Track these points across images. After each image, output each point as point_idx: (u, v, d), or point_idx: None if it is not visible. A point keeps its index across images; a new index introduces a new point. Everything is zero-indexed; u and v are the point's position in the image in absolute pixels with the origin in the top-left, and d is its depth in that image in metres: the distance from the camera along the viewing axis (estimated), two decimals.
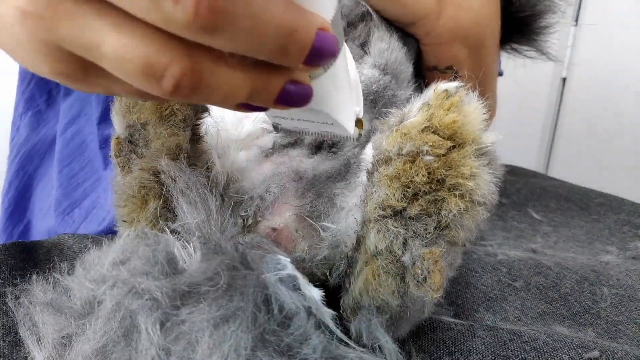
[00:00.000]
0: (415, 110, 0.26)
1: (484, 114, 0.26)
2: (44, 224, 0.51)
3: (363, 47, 0.37)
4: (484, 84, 0.48)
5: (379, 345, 0.26)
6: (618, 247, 0.47)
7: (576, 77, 1.07)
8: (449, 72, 0.42)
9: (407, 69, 0.37)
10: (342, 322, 0.27)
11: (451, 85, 0.26)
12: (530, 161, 1.15)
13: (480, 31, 0.41)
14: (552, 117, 1.12)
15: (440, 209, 0.25)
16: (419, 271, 0.25)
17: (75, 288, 0.27)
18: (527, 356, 0.29)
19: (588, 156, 1.10)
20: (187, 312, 0.24)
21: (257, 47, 0.18)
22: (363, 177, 0.29)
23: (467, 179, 0.25)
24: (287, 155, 0.35)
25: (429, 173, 0.25)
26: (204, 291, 0.25)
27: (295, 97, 0.21)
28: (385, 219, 0.26)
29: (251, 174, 0.34)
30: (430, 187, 0.25)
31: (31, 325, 0.27)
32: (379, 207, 0.26)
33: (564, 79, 1.09)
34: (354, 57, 0.36)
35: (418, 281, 0.25)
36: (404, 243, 0.25)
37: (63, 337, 0.26)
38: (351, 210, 0.30)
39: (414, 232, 0.25)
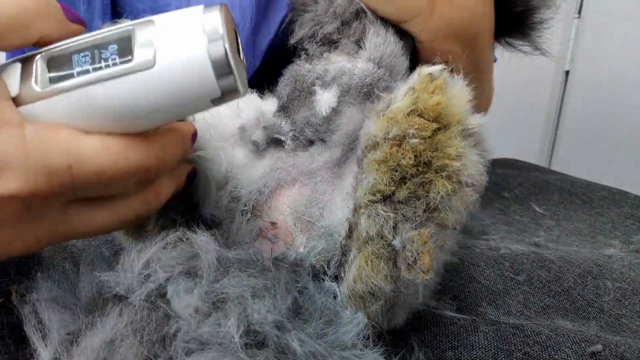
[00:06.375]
0: (401, 95, 0.27)
1: (469, 95, 0.27)
2: None
3: (358, 43, 0.37)
4: (480, 75, 0.48)
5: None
6: (621, 240, 0.47)
7: (579, 70, 1.07)
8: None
9: (403, 63, 0.38)
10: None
11: (435, 68, 0.27)
12: (533, 155, 1.15)
13: (474, 28, 0.41)
14: (555, 110, 1.12)
15: (428, 192, 0.25)
16: (409, 254, 0.25)
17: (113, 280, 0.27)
18: (530, 350, 0.29)
19: (591, 150, 1.09)
20: (226, 281, 0.25)
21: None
22: (355, 164, 0.30)
23: (453, 159, 0.25)
24: (283, 150, 0.35)
25: (415, 156, 0.25)
26: (243, 266, 0.26)
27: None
28: (375, 204, 0.26)
29: (249, 170, 0.34)
30: (418, 170, 0.25)
31: (36, 322, 0.27)
32: (369, 193, 0.26)
33: (567, 72, 1.08)
34: (348, 53, 0.36)
35: (409, 264, 0.25)
36: (394, 227, 0.25)
37: (69, 333, 0.26)
38: (345, 199, 0.30)
39: (403, 216, 0.25)
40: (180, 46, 0.22)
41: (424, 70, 0.27)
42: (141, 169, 0.24)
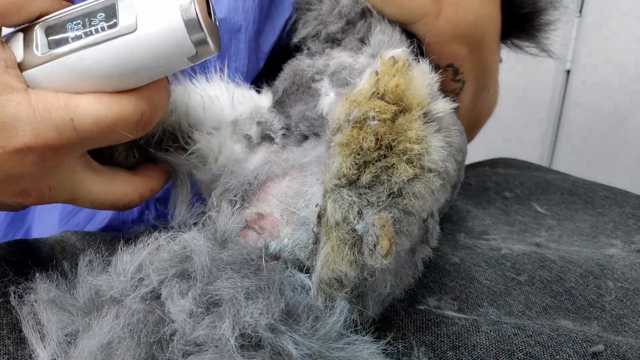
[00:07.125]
0: (366, 78, 0.27)
1: (432, 79, 0.26)
2: (44, 227, 0.51)
3: (362, 40, 0.37)
4: (486, 77, 0.48)
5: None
6: (623, 240, 0.47)
7: (580, 69, 1.07)
8: (449, 69, 0.42)
9: None
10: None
11: (397, 51, 0.27)
12: (534, 154, 1.15)
13: (480, 31, 0.41)
14: (556, 109, 1.12)
15: (391, 176, 0.25)
16: (370, 238, 0.25)
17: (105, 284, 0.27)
18: (531, 350, 0.29)
19: (592, 149, 1.09)
20: (220, 283, 0.26)
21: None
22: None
23: (413, 143, 0.25)
24: (277, 144, 0.35)
25: (377, 139, 0.25)
26: (237, 267, 0.27)
27: None
28: (341, 189, 0.26)
29: (243, 164, 0.35)
30: (380, 154, 0.25)
31: (35, 323, 0.27)
32: (335, 177, 0.26)
33: (568, 72, 1.08)
34: (352, 49, 0.36)
35: (370, 249, 0.25)
36: (359, 212, 0.25)
37: (67, 334, 0.26)
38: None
39: (367, 201, 0.25)
40: (158, 10, 0.25)
41: (387, 53, 0.27)
42: (136, 112, 0.28)
